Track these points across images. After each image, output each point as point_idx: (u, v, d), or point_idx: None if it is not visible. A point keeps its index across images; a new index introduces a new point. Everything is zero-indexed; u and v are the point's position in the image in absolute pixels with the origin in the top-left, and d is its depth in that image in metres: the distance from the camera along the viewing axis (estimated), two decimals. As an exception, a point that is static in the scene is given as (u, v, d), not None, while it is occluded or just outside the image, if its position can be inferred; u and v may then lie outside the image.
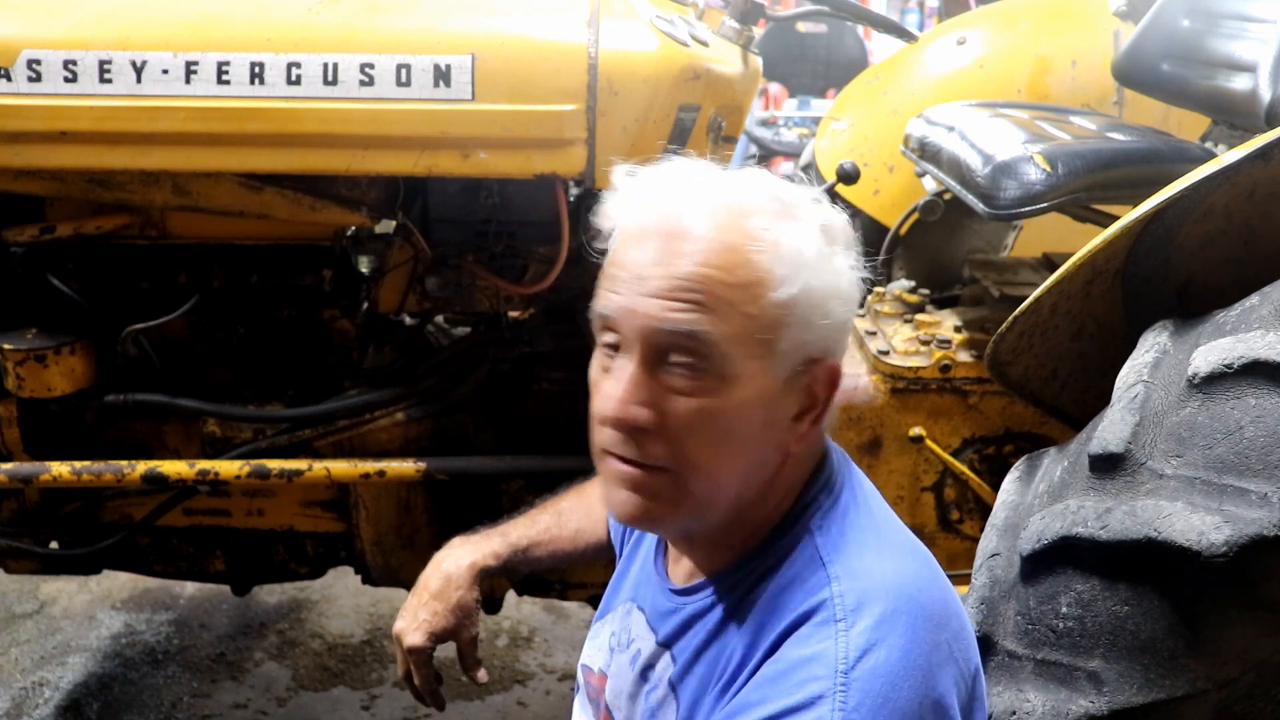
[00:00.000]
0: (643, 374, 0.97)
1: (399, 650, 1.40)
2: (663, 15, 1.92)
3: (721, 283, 0.94)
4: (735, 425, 0.97)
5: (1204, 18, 2.06)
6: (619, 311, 0.98)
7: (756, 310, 0.95)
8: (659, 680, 1.09)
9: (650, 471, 0.99)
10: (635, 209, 1.01)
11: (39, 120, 1.81)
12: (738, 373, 0.96)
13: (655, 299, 0.95)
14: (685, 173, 1.03)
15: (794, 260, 0.96)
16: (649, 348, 0.97)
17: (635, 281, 0.97)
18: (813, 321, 0.98)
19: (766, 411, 0.99)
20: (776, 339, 0.97)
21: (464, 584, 1.40)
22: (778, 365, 0.98)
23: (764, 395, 0.98)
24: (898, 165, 2.65)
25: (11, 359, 2.01)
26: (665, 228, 0.97)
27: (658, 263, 0.96)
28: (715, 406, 0.96)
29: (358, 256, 2.13)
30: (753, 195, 0.99)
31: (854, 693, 0.90)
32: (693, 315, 0.94)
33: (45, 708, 2.73)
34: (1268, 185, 1.49)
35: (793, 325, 0.97)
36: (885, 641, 0.92)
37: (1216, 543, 1.19)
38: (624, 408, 0.97)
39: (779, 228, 0.97)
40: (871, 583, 0.97)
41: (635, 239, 0.98)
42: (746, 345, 0.96)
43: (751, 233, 0.96)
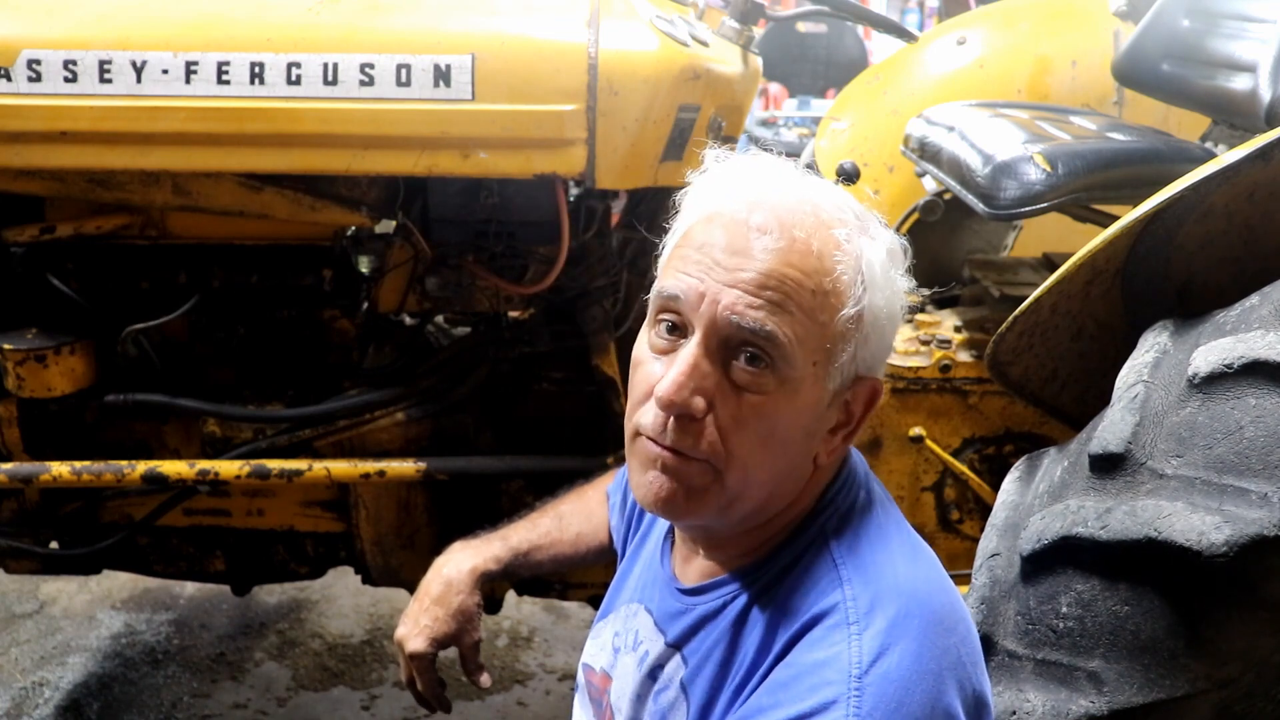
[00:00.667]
0: (705, 361, 0.95)
1: (401, 657, 1.40)
2: (663, 15, 1.92)
3: (802, 286, 0.94)
4: (782, 428, 0.97)
5: (1204, 18, 2.06)
6: (689, 293, 0.96)
7: (828, 320, 0.95)
8: (669, 681, 1.09)
9: (686, 459, 0.97)
10: (721, 194, 0.99)
11: (39, 120, 1.81)
12: (797, 377, 0.96)
13: (733, 289, 0.94)
14: (773, 168, 1.02)
15: (868, 276, 0.97)
16: (716, 337, 0.95)
17: (712, 266, 0.95)
18: (871, 339, 0.99)
19: (812, 420, 0.99)
20: (838, 351, 0.97)
21: (465, 589, 1.39)
22: (833, 377, 0.98)
23: (815, 404, 0.98)
24: (898, 165, 2.65)
25: (11, 359, 2.01)
26: (750, 219, 0.95)
27: (742, 252, 0.94)
28: (768, 407, 0.96)
29: (358, 256, 2.13)
30: (837, 206, 0.99)
31: (868, 697, 0.90)
32: (766, 314, 0.93)
33: (45, 708, 2.73)
34: (1268, 185, 1.49)
35: (855, 341, 0.98)
36: (898, 646, 0.92)
37: (1217, 543, 1.19)
38: (681, 392, 0.94)
39: (859, 242, 0.98)
40: (883, 586, 0.96)
41: (717, 224, 0.97)
42: (811, 352, 0.95)
43: (838, 242, 0.96)
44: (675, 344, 0.97)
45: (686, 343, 0.96)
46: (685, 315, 0.97)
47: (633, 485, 1.02)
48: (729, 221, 0.96)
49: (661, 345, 0.99)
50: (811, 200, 0.98)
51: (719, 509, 1.00)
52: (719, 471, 0.98)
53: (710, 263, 0.95)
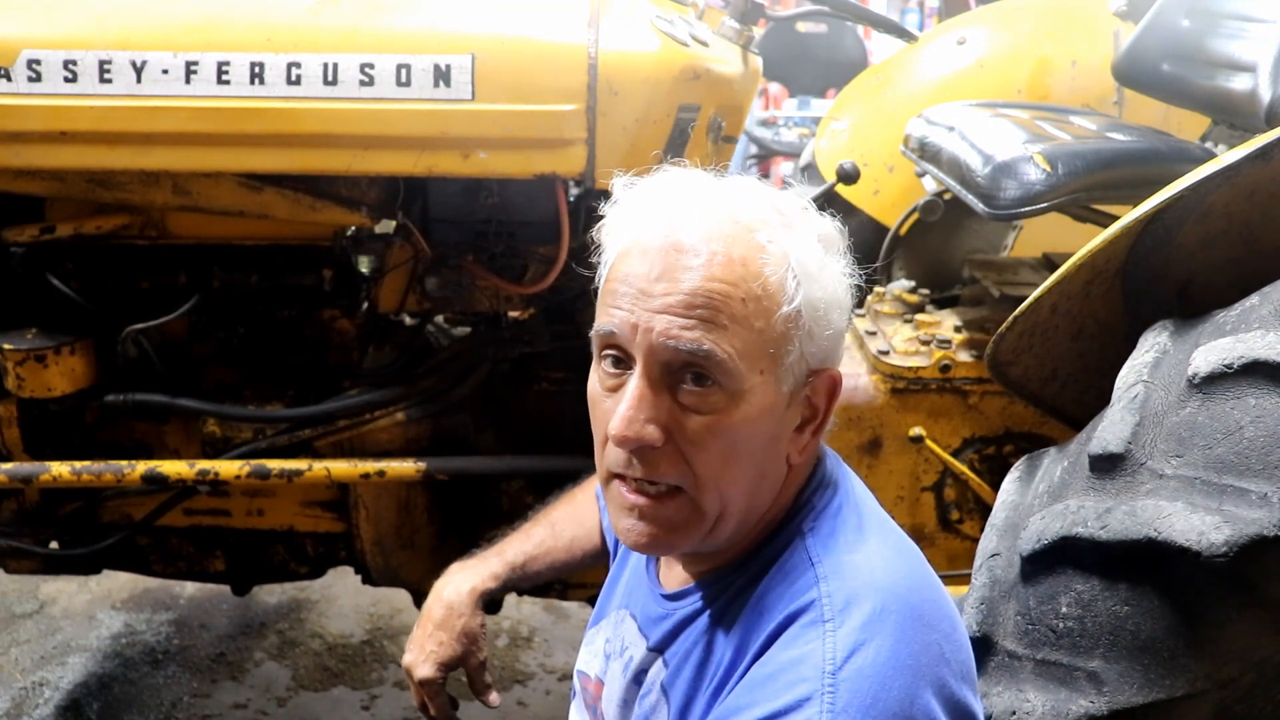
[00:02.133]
0: (651, 391, 0.96)
1: (411, 683, 1.40)
2: (663, 15, 1.92)
3: (731, 297, 0.94)
4: (744, 439, 0.97)
5: (1204, 18, 2.06)
6: (623, 327, 0.96)
7: (765, 324, 0.95)
8: (651, 685, 1.09)
9: (660, 499, 0.98)
10: (636, 222, 0.99)
11: (39, 120, 1.81)
12: (746, 387, 0.95)
13: (663, 315, 0.94)
14: (685, 184, 1.01)
15: (800, 272, 0.96)
16: (657, 365, 0.95)
17: (641, 297, 0.95)
18: (816, 333, 0.98)
19: (773, 424, 0.99)
20: (783, 352, 0.96)
21: (467, 610, 1.40)
22: (784, 378, 0.98)
23: (771, 408, 0.97)
24: (898, 165, 2.65)
25: (11, 359, 2.01)
26: (670, 242, 0.95)
27: (663, 278, 0.94)
28: (724, 422, 0.96)
29: (358, 256, 2.13)
30: (755, 206, 0.99)
31: (842, 693, 0.89)
32: (700, 333, 0.93)
33: (45, 708, 2.73)
34: (1268, 185, 1.49)
35: (799, 338, 0.97)
36: (873, 641, 0.92)
37: (1216, 543, 1.19)
38: (633, 426, 0.95)
39: (784, 239, 0.97)
40: (859, 582, 0.96)
41: (638, 254, 0.97)
42: (755, 360, 0.95)
43: (760, 245, 0.95)
44: (622, 377, 0.98)
45: (631, 375, 0.97)
46: (626, 349, 0.97)
47: (615, 529, 1.03)
48: (647, 249, 0.96)
49: (610, 382, 0.99)
50: (727, 208, 0.98)
51: (702, 535, 1.01)
52: (693, 497, 0.98)
53: (636, 293, 0.95)
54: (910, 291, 2.35)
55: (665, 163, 1.06)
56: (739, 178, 1.04)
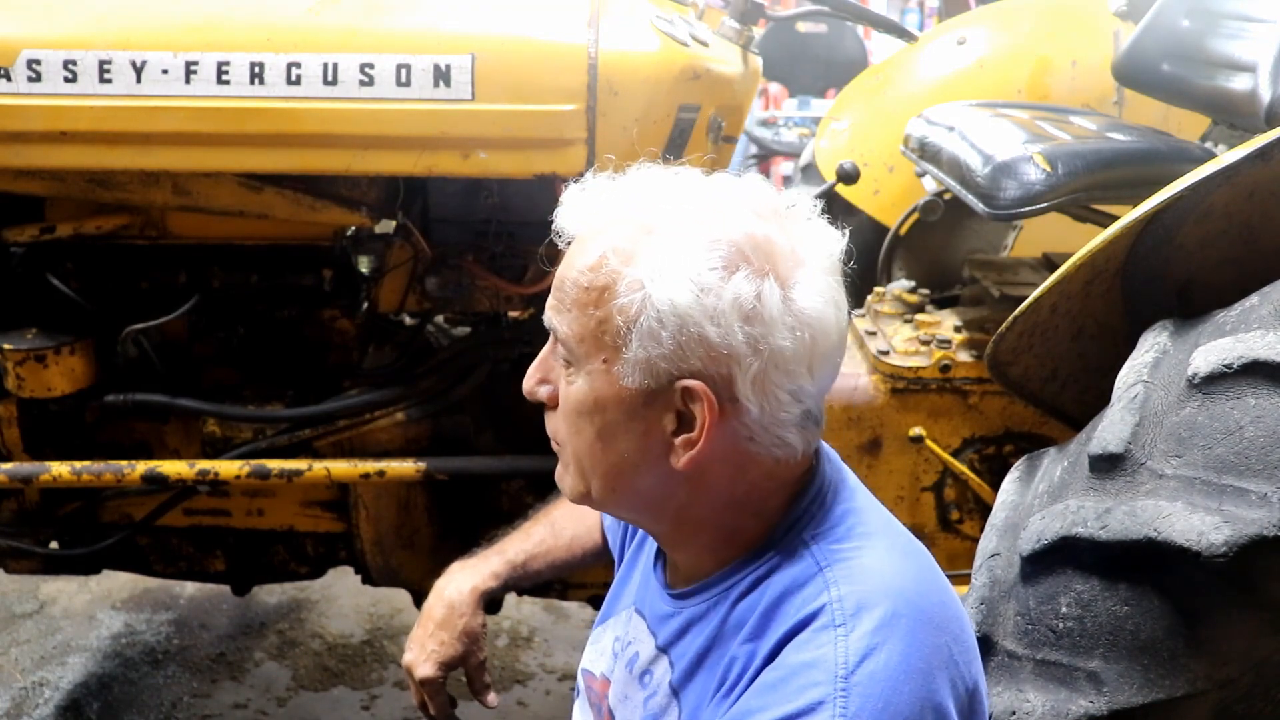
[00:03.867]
0: (547, 356, 1.08)
1: (411, 683, 1.40)
2: (663, 15, 1.92)
3: (574, 283, 1.01)
4: (596, 418, 1.02)
5: (1204, 18, 2.06)
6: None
7: (603, 314, 0.99)
8: (658, 685, 1.09)
9: (557, 444, 1.09)
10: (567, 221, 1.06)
11: (39, 120, 1.81)
12: (588, 369, 1.01)
13: (548, 298, 1.05)
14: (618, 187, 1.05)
15: (648, 271, 0.96)
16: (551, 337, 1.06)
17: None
18: (661, 335, 0.95)
19: (627, 418, 1.00)
20: (622, 345, 0.98)
21: (468, 610, 1.40)
22: (630, 373, 0.98)
23: (618, 399, 1.00)
24: (898, 165, 2.65)
25: (11, 359, 2.01)
26: (576, 235, 1.04)
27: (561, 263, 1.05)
28: (576, 397, 1.03)
29: (358, 256, 2.13)
30: (646, 208, 1.01)
31: (854, 698, 0.90)
32: (552, 312, 1.03)
33: (45, 708, 2.73)
34: (1268, 185, 1.49)
35: (639, 336, 0.97)
36: (885, 645, 0.92)
37: (1216, 543, 1.19)
38: (526, 380, 1.10)
39: (649, 239, 0.98)
40: (870, 586, 0.96)
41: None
42: (593, 346, 1.00)
43: (614, 242, 0.99)
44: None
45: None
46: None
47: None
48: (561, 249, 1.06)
49: None
50: (618, 209, 1.02)
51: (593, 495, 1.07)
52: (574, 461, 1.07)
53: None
54: (910, 291, 2.35)
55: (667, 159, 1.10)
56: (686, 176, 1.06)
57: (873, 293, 2.38)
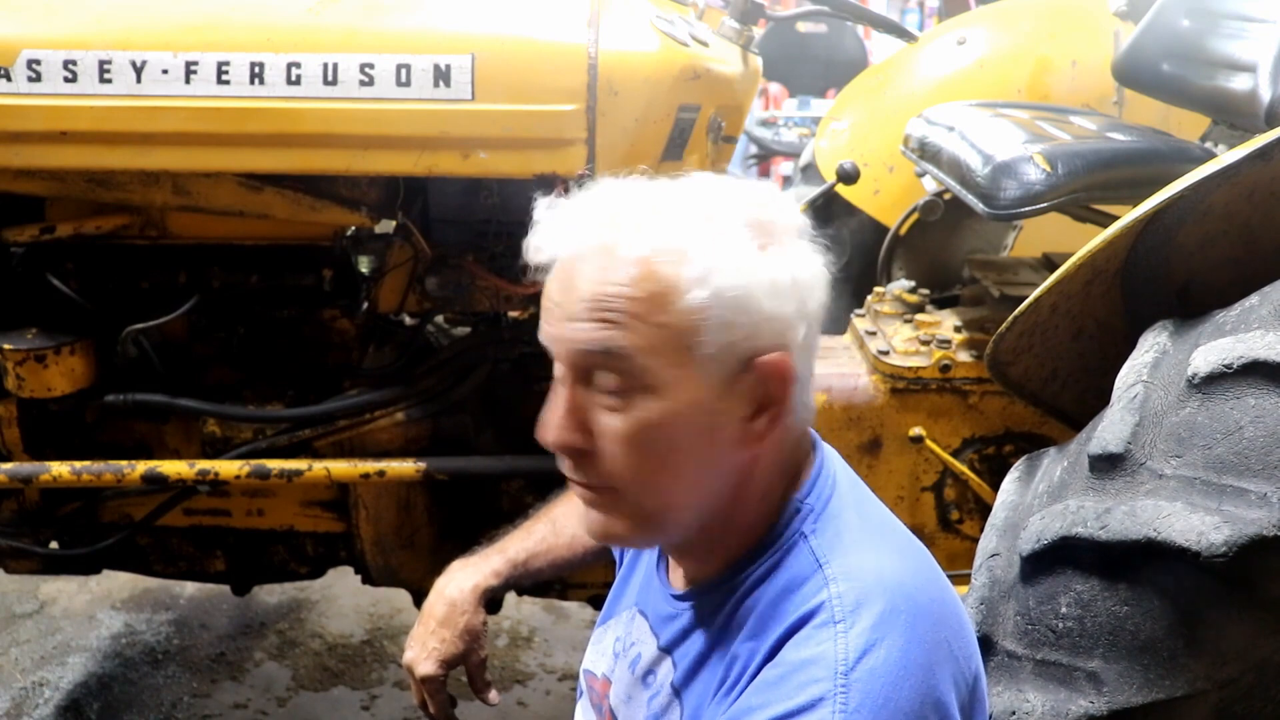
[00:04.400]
0: (573, 398, 0.99)
1: (412, 681, 1.40)
2: (663, 15, 1.92)
3: (628, 297, 0.95)
4: (669, 437, 0.97)
5: (1204, 18, 2.06)
6: (547, 340, 1.00)
7: (668, 318, 0.95)
8: (661, 685, 1.09)
9: (601, 493, 1.01)
10: (551, 242, 1.02)
11: (39, 120, 1.81)
12: (660, 383, 0.96)
13: (570, 323, 0.97)
14: (603, 196, 1.02)
15: (704, 263, 0.95)
16: (575, 370, 0.99)
17: (555, 309, 0.99)
18: (736, 321, 0.96)
19: (705, 418, 0.98)
20: (696, 344, 0.96)
21: (469, 608, 1.40)
22: (706, 371, 0.97)
23: (697, 403, 0.97)
24: (898, 165, 2.65)
25: (11, 359, 2.01)
26: (577, 253, 0.98)
27: (570, 288, 0.97)
28: (645, 421, 0.97)
29: (358, 256, 2.13)
30: (665, 204, 0.99)
31: (854, 693, 0.90)
32: (604, 332, 0.95)
33: (45, 708, 2.73)
34: (1268, 185, 1.49)
35: (712, 328, 0.96)
36: (885, 641, 0.92)
37: (1216, 543, 1.19)
38: (557, 433, 0.99)
39: (687, 233, 0.97)
40: (869, 582, 0.96)
41: (556, 270, 1.00)
42: (665, 355, 0.96)
43: (655, 243, 0.96)
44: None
45: (558, 385, 1.01)
46: (556, 360, 1.01)
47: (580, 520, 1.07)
48: (559, 266, 1.00)
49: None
50: (632, 213, 0.99)
51: (655, 528, 1.02)
52: (629, 495, 1.00)
53: (552, 306, 0.99)
54: (910, 291, 2.35)
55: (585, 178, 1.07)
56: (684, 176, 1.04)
57: (873, 293, 2.38)
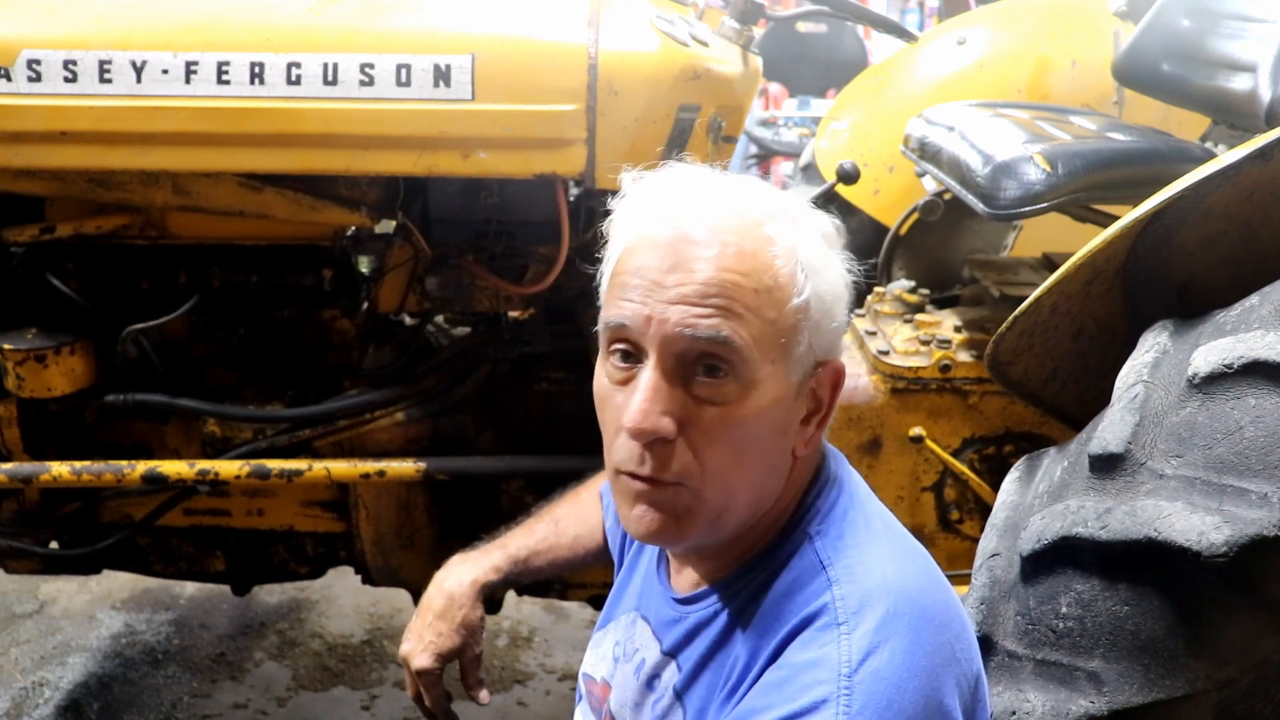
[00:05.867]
0: (666, 383, 0.95)
1: (408, 673, 1.39)
2: (663, 15, 1.92)
3: (744, 288, 0.94)
4: (754, 432, 0.97)
5: (1204, 18, 2.05)
6: (636, 319, 0.96)
7: (776, 315, 0.96)
8: (665, 689, 1.09)
9: (667, 487, 0.98)
10: (645, 216, 1.00)
11: (39, 120, 1.81)
12: (758, 378, 0.96)
13: (678, 305, 0.94)
14: (691, 179, 1.03)
15: (807, 266, 0.98)
16: (671, 356, 0.95)
17: (654, 289, 0.95)
18: (823, 325, 1.00)
19: (782, 416, 0.99)
20: (793, 343, 0.97)
21: (467, 602, 1.39)
22: (793, 370, 0.99)
23: (780, 400, 0.98)
24: (898, 165, 2.65)
25: (11, 359, 2.01)
26: (680, 234, 0.96)
27: (676, 269, 0.95)
28: (736, 415, 0.96)
29: (358, 256, 2.13)
30: (762, 202, 1.00)
31: (857, 696, 0.90)
32: (718, 320, 0.93)
33: (45, 708, 2.73)
34: (1268, 185, 1.49)
35: (807, 329, 0.98)
36: (888, 644, 0.92)
37: (1216, 543, 1.19)
38: (649, 418, 0.95)
39: (791, 234, 0.98)
40: (872, 585, 0.96)
41: (648, 247, 0.97)
42: (767, 350, 0.96)
43: (770, 238, 0.97)
44: (632, 371, 0.97)
45: (644, 367, 0.96)
46: (638, 342, 0.96)
47: (622, 520, 1.03)
48: (659, 241, 0.97)
49: (619, 375, 0.99)
50: (735, 201, 0.99)
51: (709, 526, 1.00)
52: (697, 490, 0.98)
53: (649, 285, 0.95)
54: (910, 291, 2.35)
55: (671, 159, 1.07)
56: (741, 176, 1.06)
57: (873, 293, 2.38)
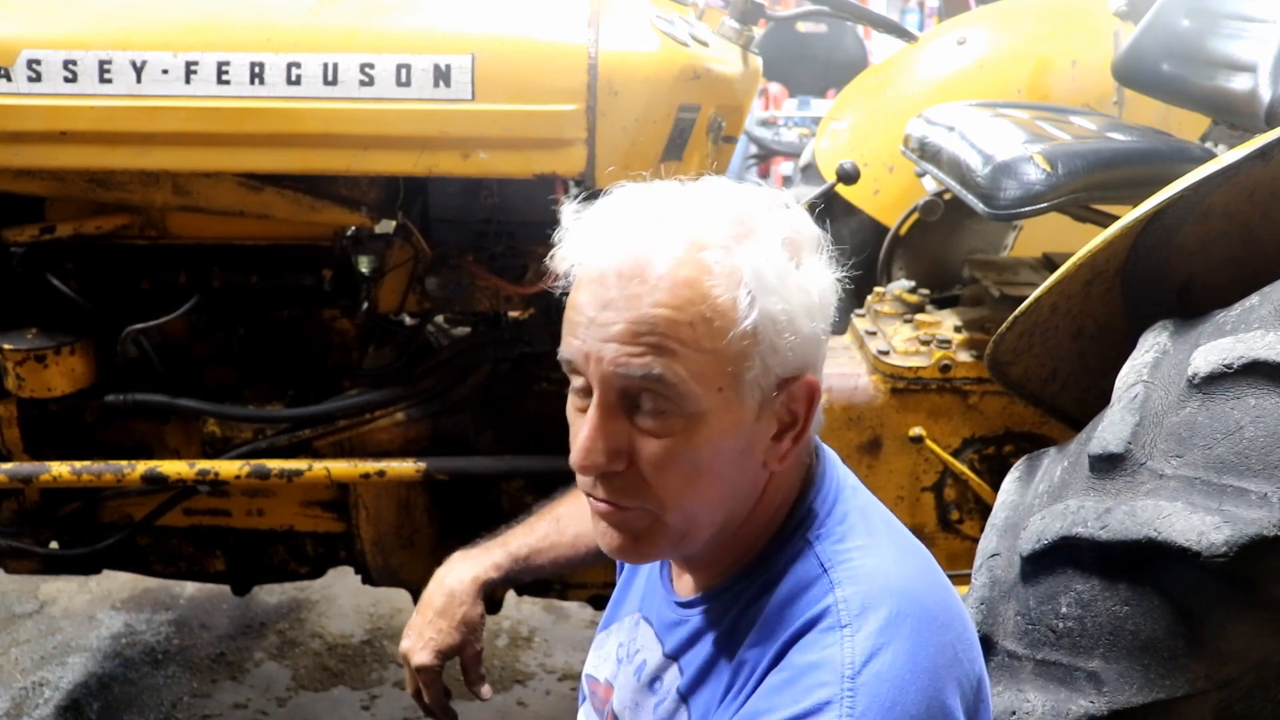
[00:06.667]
0: (608, 420, 0.95)
1: (407, 670, 1.39)
2: (663, 15, 1.92)
3: (678, 322, 0.91)
4: (706, 460, 0.96)
5: (1204, 18, 2.06)
6: (578, 356, 0.96)
7: (717, 345, 0.93)
8: (667, 692, 1.09)
9: (626, 510, 0.99)
10: (588, 249, 0.98)
11: (39, 120, 1.81)
12: (704, 409, 0.94)
13: (611, 344, 0.93)
14: (637, 204, 0.99)
15: (754, 286, 0.93)
16: (613, 392, 0.95)
17: (592, 326, 0.94)
18: (779, 344, 0.95)
19: (740, 440, 0.98)
20: (742, 369, 0.94)
21: (468, 599, 1.39)
22: (747, 394, 0.96)
23: (735, 426, 0.96)
24: (898, 165, 2.65)
25: (11, 359, 2.01)
26: (618, 268, 0.94)
27: (611, 305, 0.93)
28: (684, 446, 0.95)
29: (358, 256, 2.13)
30: (709, 221, 0.96)
31: (861, 697, 0.90)
32: (649, 358, 0.92)
33: (45, 708, 2.73)
34: (1268, 185, 1.49)
35: (758, 353, 0.95)
36: (891, 645, 0.92)
37: (1216, 543, 1.19)
38: (591, 455, 0.95)
39: (737, 254, 0.94)
40: (874, 586, 0.96)
41: (590, 281, 0.95)
42: (711, 380, 0.94)
43: (707, 266, 0.93)
44: (587, 403, 0.97)
45: (591, 404, 0.96)
46: (585, 377, 0.97)
47: (593, 533, 1.04)
48: (594, 277, 0.95)
49: (578, 405, 0.99)
50: (676, 227, 0.95)
51: (672, 545, 1.01)
52: (658, 515, 0.98)
53: (586, 322, 0.95)
54: (910, 291, 2.35)
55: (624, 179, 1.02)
56: (704, 182, 1.01)
57: (873, 293, 2.38)
